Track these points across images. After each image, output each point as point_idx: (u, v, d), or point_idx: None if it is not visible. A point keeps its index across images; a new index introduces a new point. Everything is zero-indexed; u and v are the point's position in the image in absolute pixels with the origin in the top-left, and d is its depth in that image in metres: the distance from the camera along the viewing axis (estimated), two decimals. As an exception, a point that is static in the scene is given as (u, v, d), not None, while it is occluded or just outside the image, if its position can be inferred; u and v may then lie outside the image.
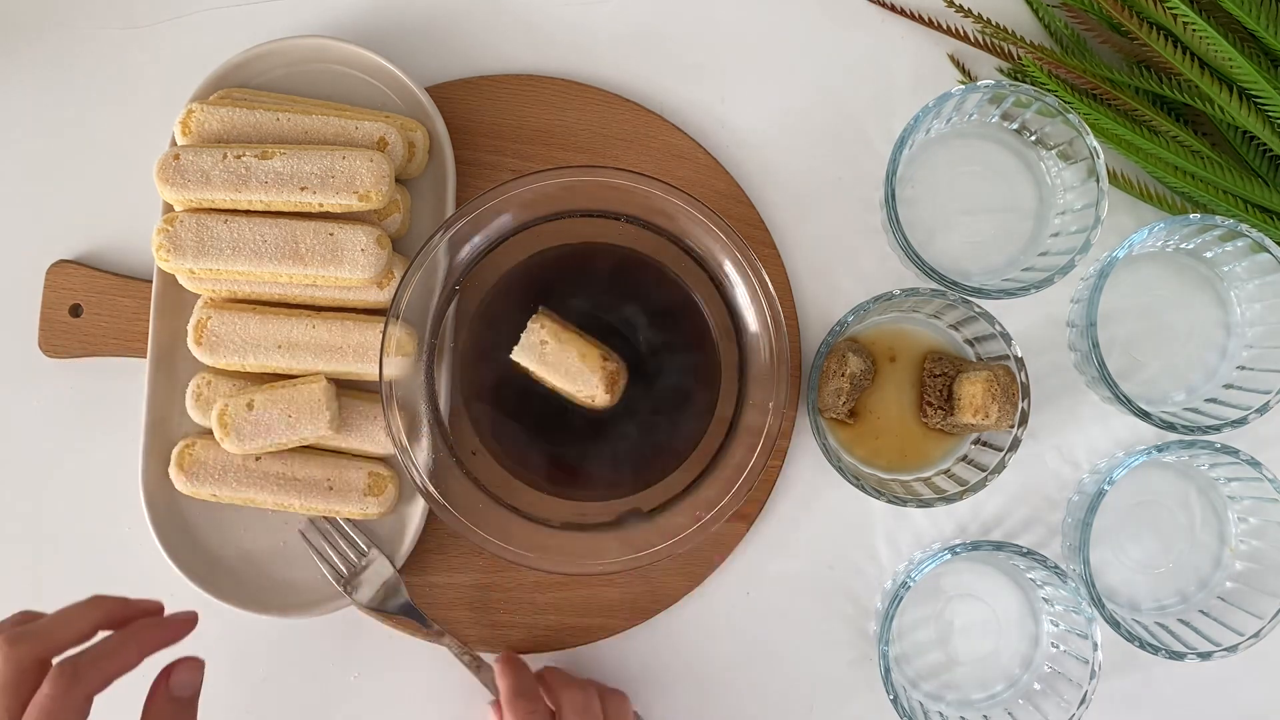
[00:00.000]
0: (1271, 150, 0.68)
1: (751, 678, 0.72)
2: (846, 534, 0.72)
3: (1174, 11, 0.66)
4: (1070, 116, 0.65)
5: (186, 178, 0.64)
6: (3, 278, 0.73)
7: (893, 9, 0.72)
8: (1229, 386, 0.69)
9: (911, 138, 0.65)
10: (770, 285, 0.63)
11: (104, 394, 0.72)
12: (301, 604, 0.68)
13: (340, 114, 0.67)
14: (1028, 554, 0.65)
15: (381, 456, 0.69)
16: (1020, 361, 0.65)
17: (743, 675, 0.72)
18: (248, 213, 0.66)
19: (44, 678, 0.51)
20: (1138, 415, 0.65)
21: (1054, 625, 0.70)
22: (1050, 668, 0.69)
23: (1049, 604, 0.70)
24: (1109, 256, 0.65)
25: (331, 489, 0.67)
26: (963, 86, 0.65)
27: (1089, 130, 0.65)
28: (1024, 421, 0.65)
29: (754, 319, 0.64)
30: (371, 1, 0.73)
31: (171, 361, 0.69)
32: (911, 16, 0.72)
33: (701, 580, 0.71)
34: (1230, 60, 0.66)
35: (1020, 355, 0.65)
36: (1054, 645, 0.70)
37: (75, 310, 0.71)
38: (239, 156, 0.65)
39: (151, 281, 0.69)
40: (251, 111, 0.66)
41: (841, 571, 0.72)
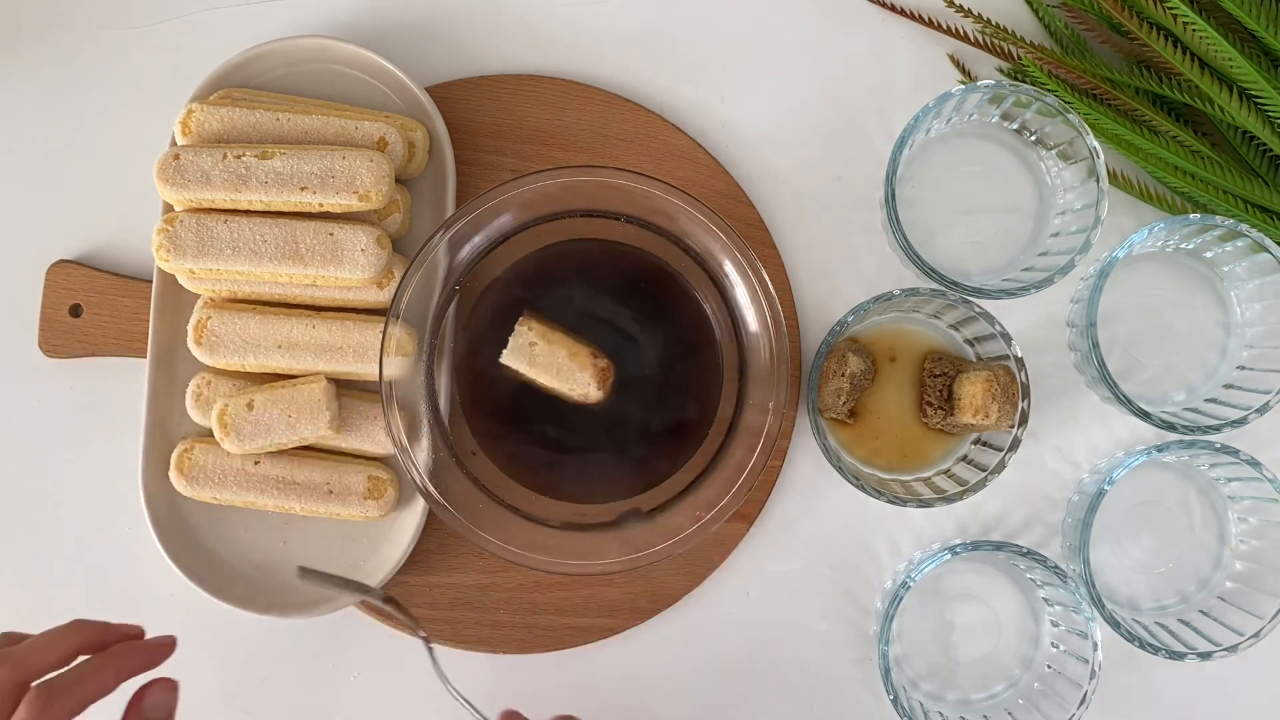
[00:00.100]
0: (1271, 150, 0.68)
1: (751, 678, 0.72)
2: (846, 534, 0.72)
3: (1174, 11, 0.66)
4: (1070, 116, 0.65)
5: (186, 178, 0.64)
6: (3, 278, 0.73)
7: (893, 9, 0.72)
8: (1229, 386, 0.69)
9: (911, 138, 0.65)
10: (770, 285, 0.63)
11: (104, 394, 0.72)
12: (301, 604, 0.68)
13: (340, 114, 0.67)
14: (1028, 554, 0.65)
15: (381, 457, 0.69)
16: (1020, 361, 0.65)
17: (743, 675, 0.72)
18: (248, 213, 0.66)
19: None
20: (1138, 415, 0.65)
21: (1054, 625, 0.70)
22: (1050, 668, 0.69)
23: (1049, 604, 0.70)
24: (1109, 256, 0.65)
25: (331, 492, 0.67)
26: (963, 86, 0.65)
27: (1089, 130, 0.65)
28: (1024, 421, 0.65)
29: (754, 319, 0.64)
30: (371, 1, 0.73)
31: (171, 361, 0.69)
32: (911, 16, 0.72)
33: (701, 580, 0.71)
34: (1230, 60, 0.66)
35: (1020, 355, 0.65)
36: (1054, 645, 0.70)
37: (75, 310, 0.71)
38: (239, 156, 0.65)
39: (151, 281, 0.69)
40: (251, 111, 0.66)
41: (841, 571, 0.72)
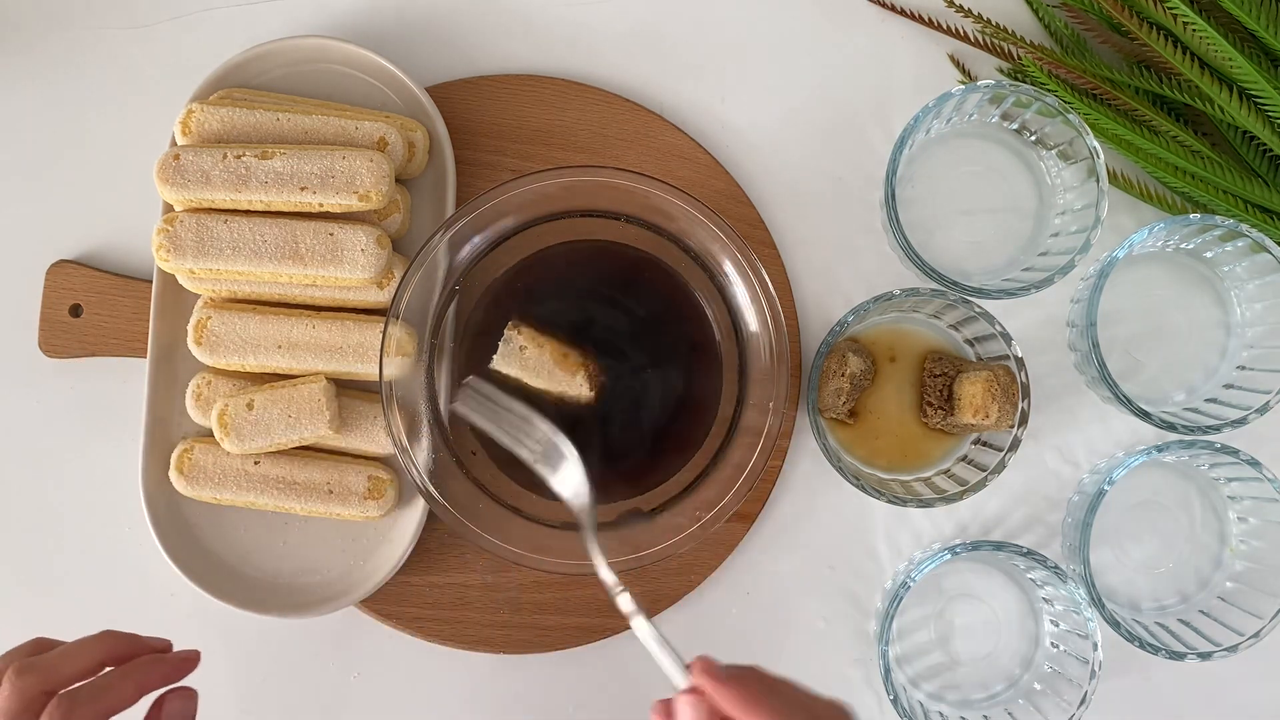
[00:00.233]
0: (1271, 150, 0.68)
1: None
2: (846, 534, 0.72)
3: (1174, 11, 0.66)
4: (1070, 116, 0.64)
5: (186, 178, 0.64)
6: (3, 278, 0.73)
7: (893, 9, 0.72)
8: (1229, 386, 0.69)
9: (911, 138, 0.65)
10: (770, 285, 0.63)
11: (104, 394, 0.72)
12: (301, 604, 0.68)
13: (340, 114, 0.67)
14: (1028, 554, 0.65)
15: (381, 457, 0.69)
16: (1020, 361, 0.65)
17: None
18: (248, 213, 0.66)
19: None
20: (1138, 415, 0.65)
21: (1054, 625, 0.70)
22: (1050, 668, 0.69)
23: (1049, 604, 0.70)
24: (1109, 256, 0.65)
25: (331, 493, 0.67)
26: (963, 86, 0.65)
27: (1089, 130, 0.64)
28: (1024, 421, 0.65)
29: (754, 319, 0.64)
30: (371, 1, 0.73)
31: (171, 361, 0.69)
32: (911, 16, 0.72)
33: (701, 580, 0.71)
34: (1230, 60, 0.66)
35: (1020, 355, 0.65)
36: (1054, 645, 0.70)
37: (75, 310, 0.71)
38: (239, 156, 0.65)
39: (151, 281, 0.69)
40: (251, 111, 0.66)
41: (841, 571, 0.72)
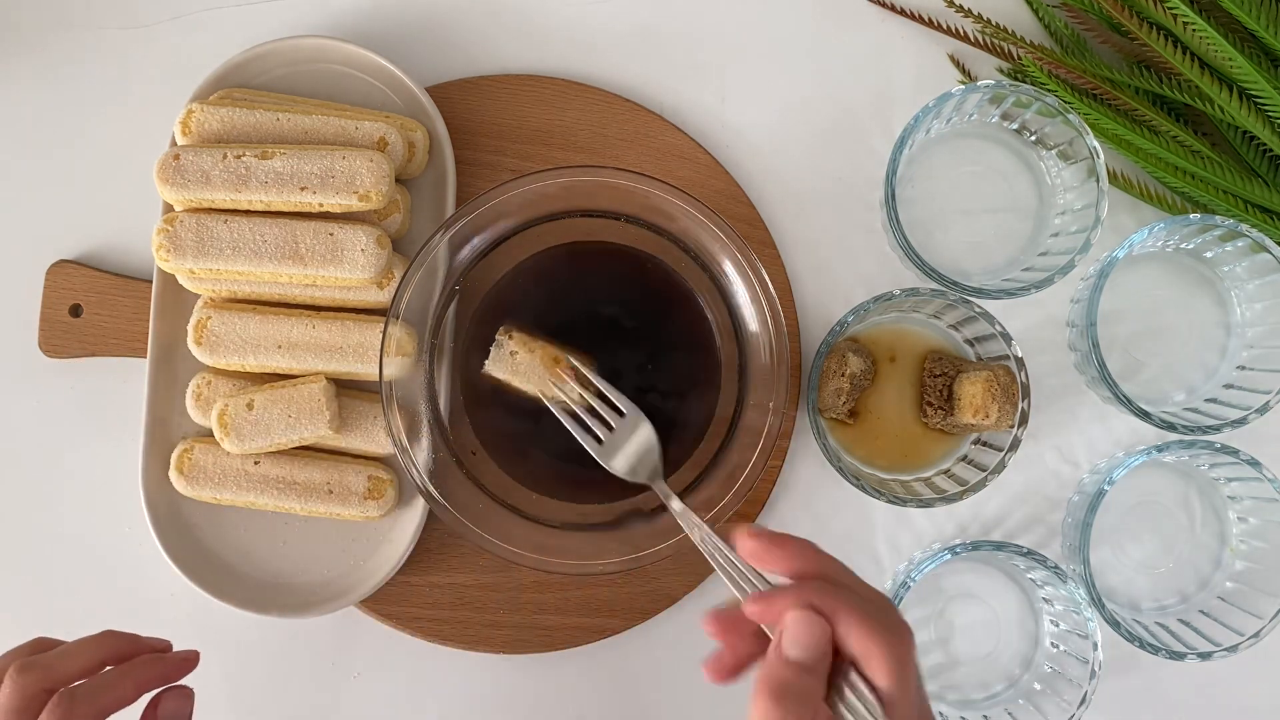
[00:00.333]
0: (1271, 150, 0.68)
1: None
2: (846, 534, 0.72)
3: (1174, 11, 0.66)
4: (1070, 116, 0.64)
5: (186, 178, 0.64)
6: (3, 278, 0.73)
7: (893, 9, 0.72)
8: (1229, 386, 0.69)
9: (911, 138, 0.65)
10: (770, 285, 0.63)
11: (104, 394, 0.72)
12: (301, 604, 0.68)
13: (340, 114, 0.67)
14: (1028, 554, 0.65)
15: (381, 457, 0.69)
16: (1020, 361, 0.65)
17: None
18: (248, 213, 0.66)
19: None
20: (1138, 415, 0.65)
21: (1054, 625, 0.70)
22: (1050, 668, 0.69)
23: (1049, 604, 0.70)
24: (1109, 256, 0.65)
25: (331, 492, 0.67)
26: (963, 86, 0.65)
27: (1089, 130, 0.65)
28: (1024, 421, 0.65)
29: (754, 319, 0.64)
30: (371, 1, 0.73)
31: (171, 361, 0.69)
32: (911, 16, 0.72)
33: (701, 580, 0.71)
34: (1230, 60, 0.66)
35: (1020, 355, 0.65)
36: (1054, 645, 0.70)
37: (75, 310, 0.71)
38: (239, 156, 0.65)
39: (151, 281, 0.69)
40: (251, 111, 0.66)
41: (841, 571, 0.72)
